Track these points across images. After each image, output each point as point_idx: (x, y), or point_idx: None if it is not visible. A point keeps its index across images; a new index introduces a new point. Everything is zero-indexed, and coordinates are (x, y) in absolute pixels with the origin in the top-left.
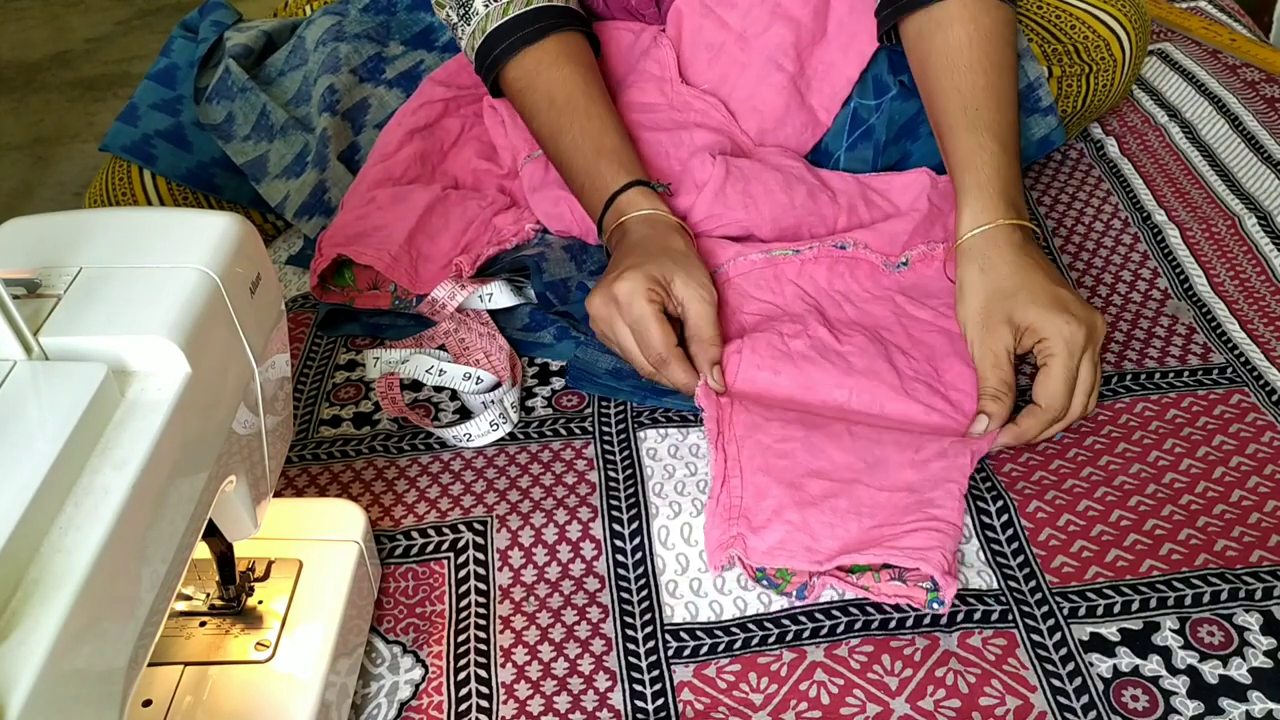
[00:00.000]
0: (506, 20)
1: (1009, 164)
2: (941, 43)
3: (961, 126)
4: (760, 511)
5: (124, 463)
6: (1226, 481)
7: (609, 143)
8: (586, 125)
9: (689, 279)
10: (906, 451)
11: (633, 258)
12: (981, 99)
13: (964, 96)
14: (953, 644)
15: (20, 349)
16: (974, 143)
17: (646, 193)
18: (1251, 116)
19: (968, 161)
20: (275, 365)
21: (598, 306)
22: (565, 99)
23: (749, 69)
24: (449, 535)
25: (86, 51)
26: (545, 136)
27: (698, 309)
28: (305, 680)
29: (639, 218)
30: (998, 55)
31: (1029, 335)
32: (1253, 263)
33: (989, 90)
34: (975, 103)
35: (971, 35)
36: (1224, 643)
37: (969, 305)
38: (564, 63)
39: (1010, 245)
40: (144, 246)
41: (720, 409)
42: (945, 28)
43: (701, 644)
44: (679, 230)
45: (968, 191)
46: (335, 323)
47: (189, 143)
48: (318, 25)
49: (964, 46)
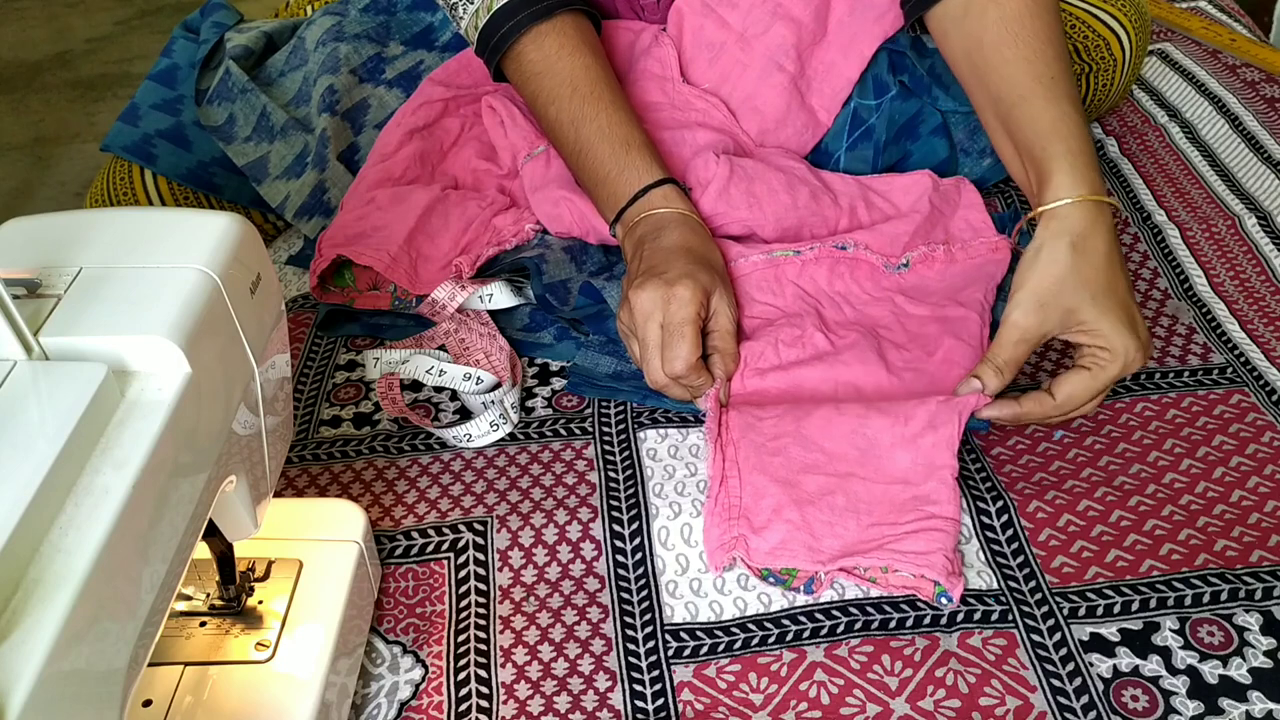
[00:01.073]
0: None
1: (1090, 136)
2: (998, 15)
3: (1038, 96)
4: (760, 511)
5: (124, 463)
6: (1226, 481)
7: (639, 137)
8: (615, 116)
9: (724, 295)
10: (896, 426)
11: (685, 262)
12: (1056, 68)
13: (1036, 66)
14: (953, 644)
15: (20, 349)
16: (1058, 111)
17: (680, 193)
18: (1251, 116)
19: (1053, 131)
20: (275, 365)
21: (646, 300)
22: (589, 87)
23: (749, 69)
24: (449, 535)
25: (86, 51)
26: (564, 122)
27: (727, 325)
28: (305, 680)
29: (677, 216)
30: (1057, 25)
31: (1089, 335)
32: (1253, 263)
33: (1060, 60)
34: (1051, 72)
35: (1029, 4)
36: (1224, 643)
37: (1038, 273)
38: (585, 50)
39: (1107, 230)
40: (144, 246)
41: (717, 415)
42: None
43: (701, 644)
44: (715, 241)
45: (1058, 159)
46: (335, 323)
47: (189, 142)
48: (318, 26)
49: (1024, 16)
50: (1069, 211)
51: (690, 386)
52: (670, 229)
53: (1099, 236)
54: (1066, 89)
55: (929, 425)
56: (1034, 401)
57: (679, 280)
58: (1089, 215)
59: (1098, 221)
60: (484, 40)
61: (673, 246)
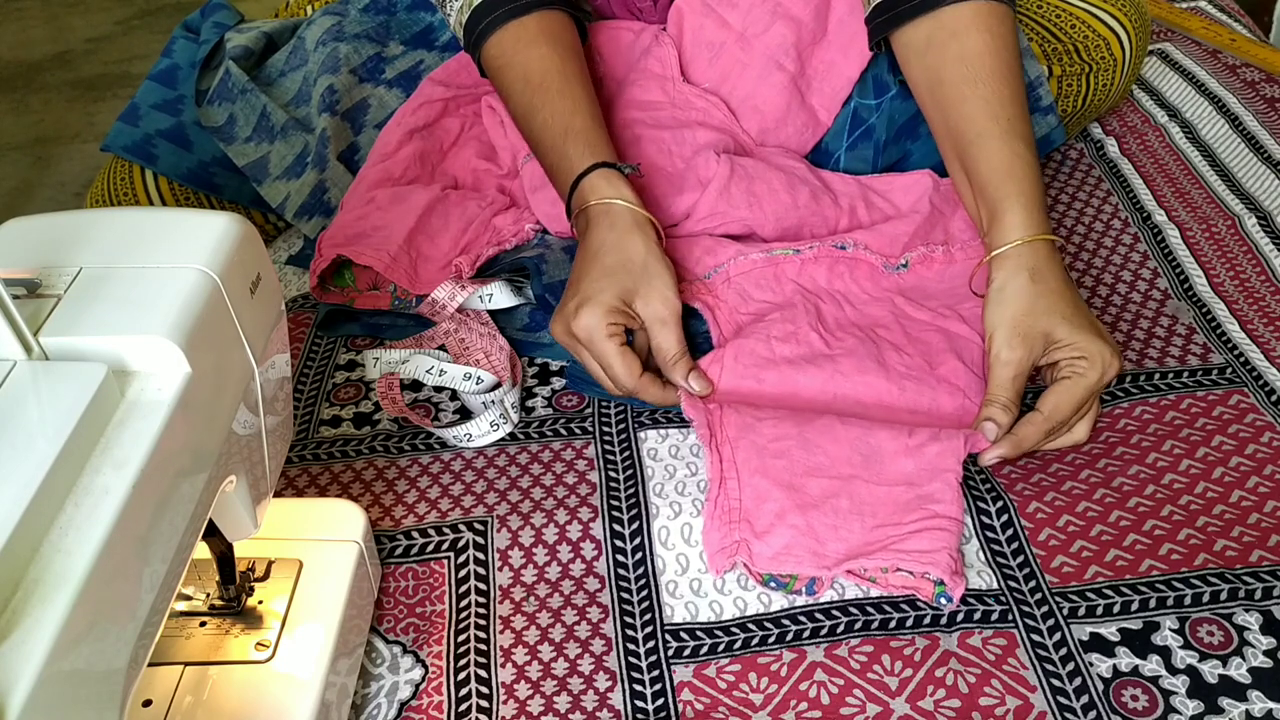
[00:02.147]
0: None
1: (1040, 176)
2: (958, 51)
3: (994, 136)
4: (762, 516)
5: (124, 463)
6: (1226, 482)
7: (577, 123)
8: (558, 105)
9: (649, 295)
10: (900, 437)
11: (590, 278)
12: (1012, 109)
13: (993, 106)
14: (953, 644)
15: (20, 349)
16: (1011, 152)
17: (610, 177)
18: (1251, 116)
19: (1007, 171)
20: (275, 365)
21: (561, 337)
22: (539, 78)
23: (749, 68)
24: (449, 535)
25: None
26: (519, 117)
27: (657, 331)
28: (305, 680)
29: (600, 209)
30: (1015, 63)
31: (1065, 350)
32: (1253, 263)
33: (1015, 99)
34: (1007, 112)
35: (990, 43)
36: (1224, 642)
37: (1009, 309)
38: (542, 41)
39: (1058, 263)
40: (144, 246)
41: (710, 414)
42: (961, 36)
43: (701, 644)
44: (639, 227)
45: (1011, 199)
46: (335, 323)
47: (190, 142)
48: (318, 26)
49: (984, 54)
50: (1020, 251)
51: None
52: (590, 231)
53: (1052, 269)
54: (1021, 130)
55: (934, 438)
56: (1026, 425)
57: (579, 311)
58: (1040, 251)
59: (1050, 257)
60: (466, 37)
61: (587, 258)
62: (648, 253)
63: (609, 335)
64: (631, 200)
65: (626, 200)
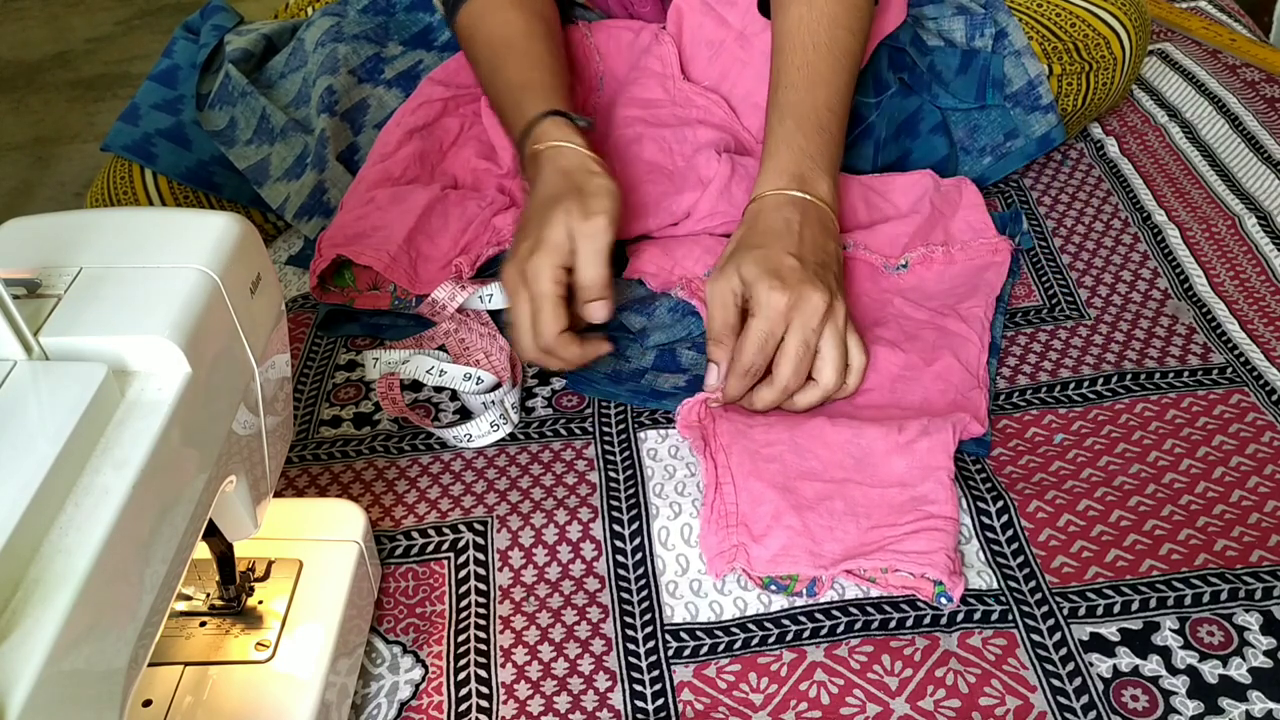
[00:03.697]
0: None
1: (804, 140)
2: (779, 25)
3: (770, 105)
4: (759, 518)
5: (124, 463)
6: (1226, 481)
7: (535, 77)
8: (519, 63)
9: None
10: (890, 435)
11: (542, 218)
12: (793, 79)
13: (779, 76)
14: (953, 644)
15: (20, 349)
16: (774, 119)
17: (561, 124)
18: (1251, 116)
19: (766, 138)
20: (275, 365)
21: (510, 278)
22: (502, 42)
23: (749, 67)
24: (449, 535)
25: (86, 51)
26: (485, 83)
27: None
28: (305, 680)
29: (550, 152)
30: (825, 36)
31: (746, 289)
32: (1253, 263)
33: (803, 70)
34: (785, 82)
35: (803, 16)
36: (1224, 643)
37: (723, 253)
38: (509, 6)
39: (777, 212)
40: (144, 246)
41: (704, 424)
42: (785, 9)
43: (701, 644)
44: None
45: (761, 165)
46: (335, 323)
47: (190, 142)
48: (317, 27)
49: (793, 28)
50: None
51: (562, 358)
52: (540, 174)
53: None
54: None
55: (923, 432)
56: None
57: (533, 254)
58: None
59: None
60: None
61: (538, 199)
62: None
63: (554, 280)
64: (582, 145)
65: (577, 145)
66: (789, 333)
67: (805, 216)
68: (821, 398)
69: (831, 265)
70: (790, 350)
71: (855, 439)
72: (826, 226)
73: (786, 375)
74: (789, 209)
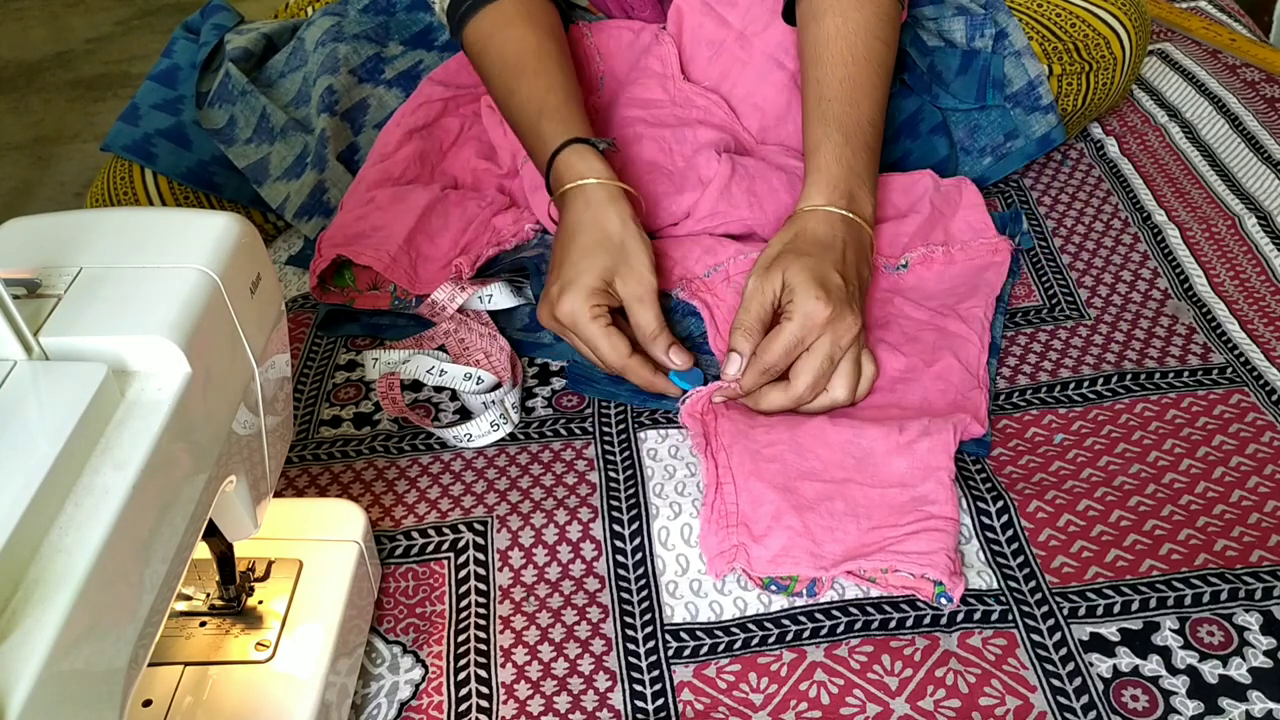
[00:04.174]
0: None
1: (852, 155)
2: (814, 34)
3: (814, 117)
4: (759, 519)
5: (124, 463)
6: (1226, 481)
7: (551, 101)
8: (534, 85)
9: (626, 274)
10: (891, 435)
11: (569, 260)
12: (836, 91)
13: (821, 88)
14: (953, 644)
15: (20, 349)
16: (821, 132)
17: (583, 153)
18: (1251, 116)
19: (814, 148)
20: (275, 365)
21: (546, 322)
22: (515, 60)
23: (749, 66)
24: (449, 535)
25: (86, 51)
26: (499, 101)
27: (635, 309)
28: (305, 680)
29: (574, 190)
30: (863, 49)
31: (787, 294)
32: (1253, 263)
33: (846, 83)
34: (830, 94)
35: (840, 28)
36: (1224, 643)
37: (766, 251)
38: (519, 23)
39: (826, 226)
40: (144, 246)
41: (706, 423)
42: (819, 19)
43: (701, 644)
44: (613, 202)
45: (808, 175)
46: (335, 323)
47: (190, 142)
48: (317, 26)
49: (831, 39)
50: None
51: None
52: (567, 210)
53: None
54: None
55: (924, 432)
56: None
57: (561, 296)
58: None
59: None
60: (449, 25)
61: (565, 240)
62: (624, 228)
63: (593, 317)
64: (605, 175)
65: (600, 176)
66: (817, 345)
67: (850, 237)
68: (828, 407)
69: (862, 290)
70: (814, 362)
71: (856, 439)
72: (865, 250)
73: (804, 385)
74: (839, 226)
